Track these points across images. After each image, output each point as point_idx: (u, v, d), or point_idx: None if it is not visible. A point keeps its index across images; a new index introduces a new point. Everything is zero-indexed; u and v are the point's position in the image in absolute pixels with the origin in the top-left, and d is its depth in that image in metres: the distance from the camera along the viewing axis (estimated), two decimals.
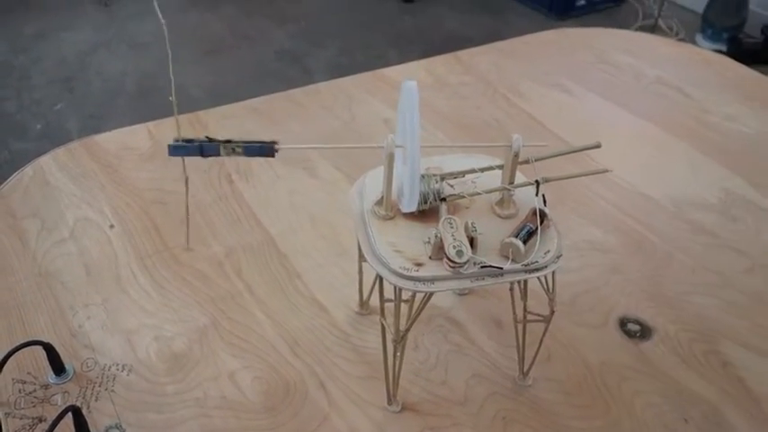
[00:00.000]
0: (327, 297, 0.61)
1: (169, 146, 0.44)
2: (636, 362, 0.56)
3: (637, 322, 0.59)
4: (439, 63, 1.00)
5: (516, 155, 0.44)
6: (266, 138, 0.44)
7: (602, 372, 0.55)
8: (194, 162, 0.78)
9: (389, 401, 0.51)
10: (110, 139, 0.82)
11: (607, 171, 0.46)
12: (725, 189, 0.76)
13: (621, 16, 2.62)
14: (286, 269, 0.64)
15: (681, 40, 2.41)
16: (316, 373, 0.54)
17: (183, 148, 0.42)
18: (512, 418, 0.51)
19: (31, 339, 0.52)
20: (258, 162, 0.77)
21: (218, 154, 0.43)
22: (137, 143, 0.81)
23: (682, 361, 0.56)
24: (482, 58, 1.02)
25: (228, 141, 0.42)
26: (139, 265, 0.64)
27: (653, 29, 2.37)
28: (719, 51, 2.32)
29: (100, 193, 0.73)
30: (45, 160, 0.78)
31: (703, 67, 1.02)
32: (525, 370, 0.53)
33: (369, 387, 0.53)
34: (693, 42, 2.41)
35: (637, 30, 2.48)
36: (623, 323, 0.59)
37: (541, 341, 0.50)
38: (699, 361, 0.56)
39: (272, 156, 0.43)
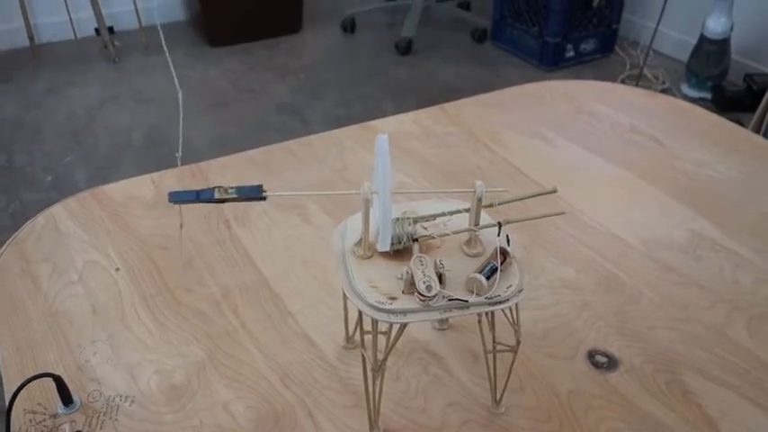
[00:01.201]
0: (317, 333, 0.65)
1: (169, 193, 0.49)
2: (603, 391, 0.60)
3: (605, 354, 0.64)
4: (427, 115, 1.07)
5: (480, 199, 0.49)
6: (267, 188, 0.49)
7: (570, 400, 0.59)
8: (195, 209, 0.84)
9: (371, 428, 0.55)
10: (117, 189, 0.87)
11: (562, 213, 0.51)
12: (691, 230, 0.81)
13: (609, 67, 2.71)
14: (279, 308, 0.69)
15: (666, 89, 2.50)
16: (304, 403, 0.58)
17: (182, 193, 0.48)
18: None
19: (40, 372, 0.57)
20: (255, 209, 0.83)
21: (212, 197, 0.48)
22: (141, 192, 0.87)
23: (645, 390, 0.60)
24: (468, 109, 1.08)
25: (220, 187, 0.48)
26: (142, 305, 0.69)
27: (638, 78, 2.46)
28: (704, 99, 2.40)
29: (107, 239, 0.78)
30: (56, 209, 0.83)
31: (677, 116, 1.09)
32: (498, 398, 0.57)
33: (354, 415, 0.57)
34: (679, 91, 2.50)
35: (624, 79, 2.57)
36: (591, 355, 0.64)
37: (510, 370, 0.55)
38: (661, 390, 0.60)
39: (263, 199, 0.48)
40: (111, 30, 2.79)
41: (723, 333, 0.67)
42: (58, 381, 0.56)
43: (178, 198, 0.48)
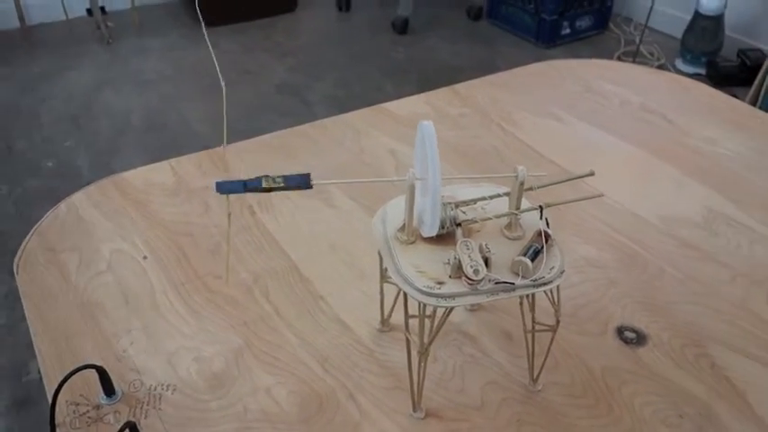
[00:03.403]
0: (350, 317, 0.66)
1: (216, 183, 0.49)
2: (634, 366, 0.62)
3: (633, 330, 0.65)
4: (438, 96, 1.07)
5: (522, 183, 0.50)
6: (287, 172, 0.50)
7: (603, 375, 0.61)
8: (218, 197, 0.84)
9: (414, 409, 0.56)
10: (136, 176, 0.87)
11: (601, 195, 0.52)
12: (707, 207, 0.83)
13: (604, 43, 2.72)
14: (310, 292, 0.69)
15: (661, 65, 2.51)
16: (345, 386, 0.59)
17: (229, 183, 0.48)
18: (525, 420, 0.56)
19: (82, 364, 0.57)
20: (277, 195, 0.83)
21: (260, 186, 0.48)
22: (161, 179, 0.87)
23: (675, 364, 0.62)
24: (478, 90, 1.09)
25: (267, 176, 0.48)
26: (174, 293, 0.69)
27: (635, 55, 2.46)
28: (698, 75, 2.42)
29: (131, 227, 0.78)
30: (78, 197, 0.83)
31: (682, 93, 1.10)
32: (535, 376, 0.59)
33: (395, 397, 0.58)
34: (673, 66, 2.51)
35: (620, 56, 2.58)
36: (620, 331, 0.65)
37: (549, 348, 0.56)
38: (690, 363, 0.62)
39: (310, 187, 0.49)
40: (102, 10, 2.74)
41: (744, 306, 0.69)
42: (101, 372, 0.57)
43: (225, 189, 0.48)
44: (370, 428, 0.56)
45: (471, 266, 0.47)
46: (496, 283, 0.47)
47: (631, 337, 0.64)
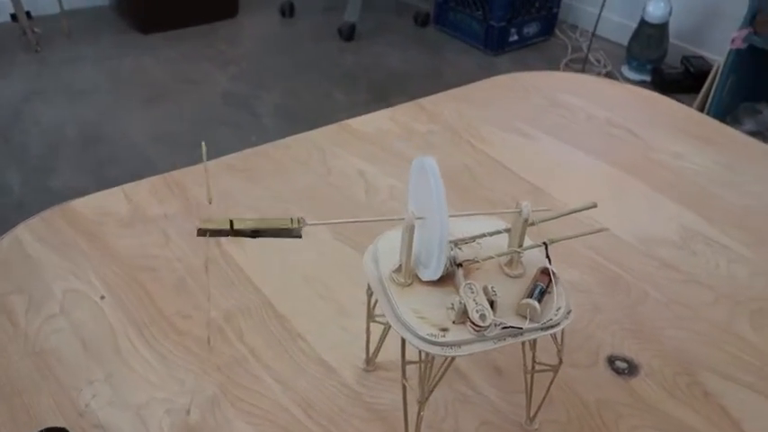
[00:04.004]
0: (332, 356, 0.62)
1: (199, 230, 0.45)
2: (628, 398, 0.60)
3: (624, 360, 0.64)
4: (403, 112, 1.04)
5: (526, 220, 0.47)
6: (252, 196, 0.46)
7: (599, 410, 0.59)
8: (178, 223, 0.79)
9: None
10: (86, 205, 0.81)
11: (606, 230, 0.49)
12: (682, 225, 0.82)
13: (551, 50, 2.75)
14: (287, 330, 0.65)
15: (608, 72, 2.56)
16: None
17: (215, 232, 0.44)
18: None
19: (40, 426, 0.52)
20: None
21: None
22: (114, 208, 0.81)
23: (668, 394, 0.61)
24: (443, 105, 1.06)
25: (257, 231, 0.44)
26: (138, 336, 0.64)
27: (583, 62, 2.50)
28: (644, 82, 2.47)
29: (85, 263, 0.72)
30: (20, 231, 0.76)
31: (646, 106, 1.10)
32: (532, 415, 0.56)
33: None
34: (620, 73, 2.56)
35: (567, 62, 2.62)
36: (611, 361, 0.63)
37: (548, 389, 0.54)
38: (683, 392, 0.61)
39: (299, 237, 0.45)
40: (28, 14, 2.59)
41: (729, 330, 0.68)
42: None
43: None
44: None
45: (477, 311, 0.44)
46: (503, 327, 0.44)
47: (623, 368, 0.63)
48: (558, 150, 0.97)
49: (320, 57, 2.62)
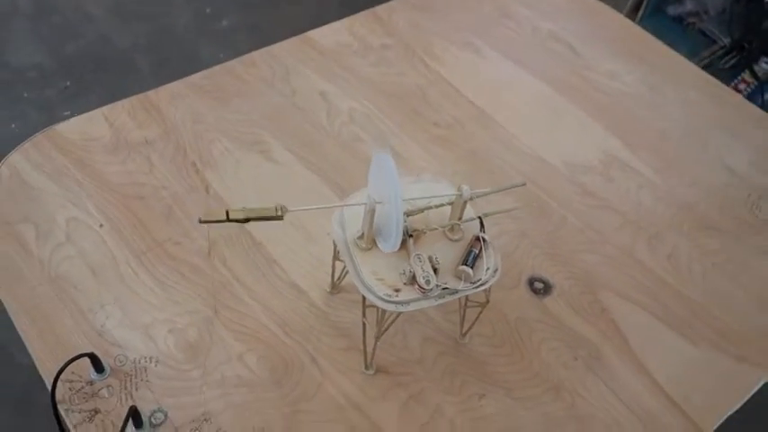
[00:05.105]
0: (304, 281, 0.75)
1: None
2: (541, 314, 0.76)
3: (541, 281, 0.79)
4: (360, 23, 1.09)
5: (465, 202, 0.59)
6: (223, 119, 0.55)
7: (517, 326, 0.74)
8: (158, 149, 0.86)
9: (366, 367, 0.68)
10: (71, 130, 0.87)
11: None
12: (604, 151, 0.95)
13: None
14: (264, 256, 0.77)
15: None
16: (306, 350, 0.70)
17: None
18: (457, 370, 0.70)
19: (66, 345, 0.64)
20: (216, 147, 0.87)
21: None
22: (98, 132, 0.87)
23: (573, 311, 0.76)
24: (399, 15, 1.11)
25: (247, 220, 0.54)
26: (137, 263, 0.75)
27: None
28: None
29: (80, 191, 0.81)
30: (15, 158, 0.83)
31: (590, 18, 1.17)
32: (464, 332, 0.71)
33: (349, 357, 0.69)
34: None
35: None
36: (531, 282, 0.78)
37: (475, 319, 0.69)
38: (585, 309, 0.77)
39: (281, 219, 0.55)
40: None
41: (630, 254, 0.83)
42: (93, 357, 0.64)
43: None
44: (331, 387, 0.67)
45: (424, 278, 0.56)
46: (443, 288, 0.58)
47: (540, 288, 0.78)
48: (504, 69, 1.05)
49: None
